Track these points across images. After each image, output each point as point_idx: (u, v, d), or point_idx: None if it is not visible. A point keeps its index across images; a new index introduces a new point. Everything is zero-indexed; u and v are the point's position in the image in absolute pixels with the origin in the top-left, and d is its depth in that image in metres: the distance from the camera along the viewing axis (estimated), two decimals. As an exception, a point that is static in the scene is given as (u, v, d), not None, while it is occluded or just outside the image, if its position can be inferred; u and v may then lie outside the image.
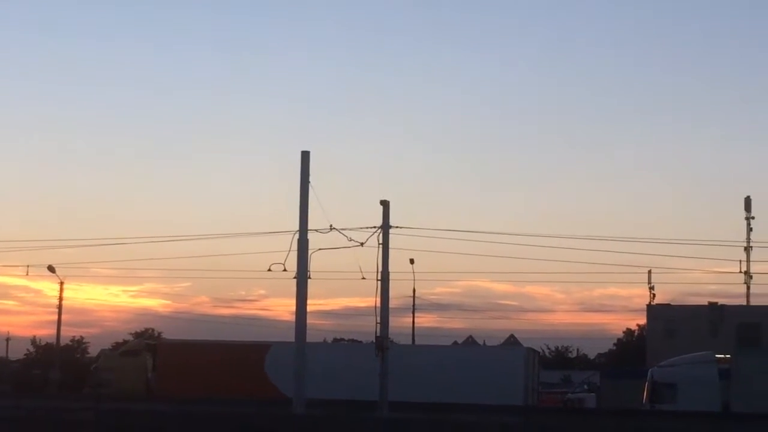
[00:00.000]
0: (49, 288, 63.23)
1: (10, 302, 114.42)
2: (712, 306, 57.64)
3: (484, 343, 69.40)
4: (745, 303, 59.61)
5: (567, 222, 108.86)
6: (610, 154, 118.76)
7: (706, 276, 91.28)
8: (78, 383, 54.80)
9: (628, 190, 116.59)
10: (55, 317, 58.38)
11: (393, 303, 40.32)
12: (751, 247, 59.66)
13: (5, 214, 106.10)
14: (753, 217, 61.93)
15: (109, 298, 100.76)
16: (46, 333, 72.78)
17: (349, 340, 64.90)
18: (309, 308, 34.62)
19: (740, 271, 57.51)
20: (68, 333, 75.34)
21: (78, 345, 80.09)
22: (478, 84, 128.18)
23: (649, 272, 59.88)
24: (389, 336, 39.04)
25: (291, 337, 34.94)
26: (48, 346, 68.61)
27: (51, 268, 54.59)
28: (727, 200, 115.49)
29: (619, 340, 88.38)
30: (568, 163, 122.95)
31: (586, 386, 60.84)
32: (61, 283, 57.05)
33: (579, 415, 44.54)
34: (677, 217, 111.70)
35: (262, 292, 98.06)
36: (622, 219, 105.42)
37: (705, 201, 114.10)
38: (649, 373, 43.43)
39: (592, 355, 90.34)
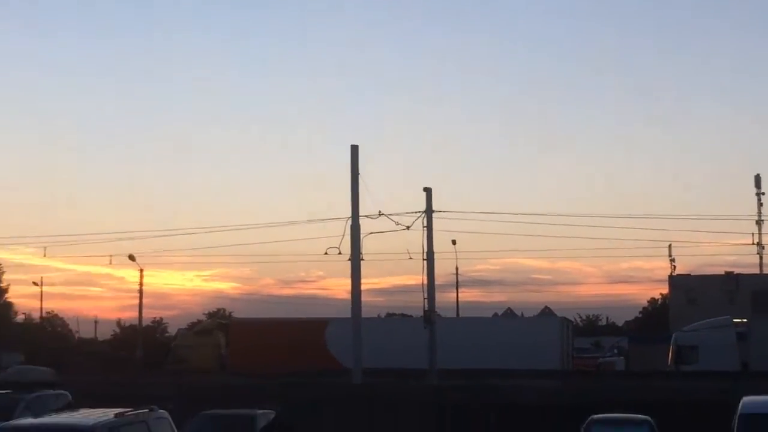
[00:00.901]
0: (130, 275, 63.96)
1: (97, 289, 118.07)
2: (729, 275, 57.00)
3: (522, 315, 68.79)
4: (758, 272, 59.14)
5: (595, 203, 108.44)
6: (632, 137, 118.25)
7: (722, 248, 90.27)
8: (159, 360, 55.55)
9: (652, 171, 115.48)
10: (137, 301, 59.13)
11: (438, 280, 40.03)
12: (763, 220, 59.30)
13: (90, 208, 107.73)
14: (763, 193, 61.26)
15: (184, 283, 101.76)
16: (130, 315, 73.72)
17: (399, 315, 64.05)
18: (362, 287, 35.71)
19: (753, 243, 56.79)
20: (149, 315, 75.92)
21: (158, 326, 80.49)
22: (511, 73, 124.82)
23: (670, 246, 59.19)
24: (436, 310, 39.35)
25: (347, 313, 36.47)
26: (131, 327, 69.67)
27: (131, 257, 54.72)
28: (740, 178, 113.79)
29: (644, 308, 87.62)
30: (592, 149, 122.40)
31: (615, 351, 60.59)
32: (141, 271, 57.43)
33: (610, 377, 44.55)
34: (695, 195, 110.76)
35: (320, 273, 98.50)
36: (643, 198, 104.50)
37: (719, 179, 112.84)
38: (672, 338, 43.74)
39: (619, 323, 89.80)
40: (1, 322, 69.82)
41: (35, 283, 73.83)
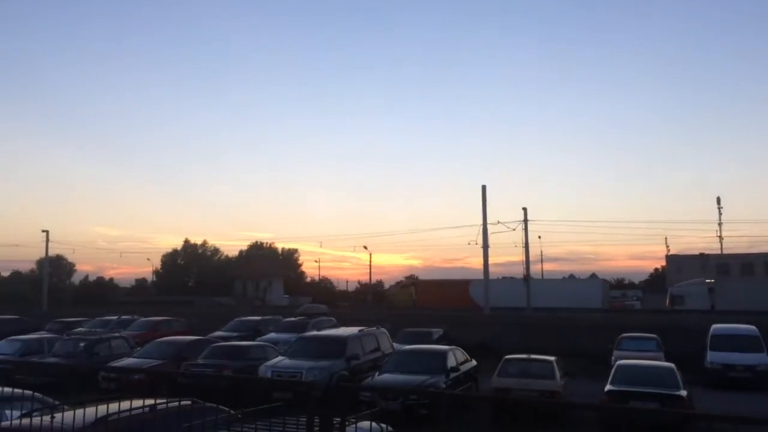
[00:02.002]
0: (365, 256, 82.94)
1: (347, 264, 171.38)
2: (702, 255, 63.37)
3: (578, 278, 75.82)
4: (720, 253, 63.79)
5: (621, 210, 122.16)
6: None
7: (695, 238, 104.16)
8: (378, 301, 68.81)
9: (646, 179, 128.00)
10: (368, 271, 75.81)
11: (531, 258, 48.56)
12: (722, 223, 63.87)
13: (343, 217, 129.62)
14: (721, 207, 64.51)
15: (394, 261, 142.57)
16: (365, 279, 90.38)
17: (509, 278, 69.28)
18: (489, 262, 45.23)
19: (717, 236, 63.88)
20: (375, 278, 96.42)
21: (378, 283, 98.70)
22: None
23: (666, 239, 70.04)
24: (530, 274, 48.54)
25: (481, 276, 46.70)
26: (365, 284, 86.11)
27: (365, 247, 69.81)
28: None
29: (651, 273, 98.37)
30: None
31: (635, 298, 68.29)
32: (371, 254, 73.45)
33: (632, 312, 51.59)
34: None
35: (465, 254, 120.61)
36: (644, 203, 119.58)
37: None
38: (669, 291, 51.62)
39: (636, 282, 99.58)
40: (297, 282, 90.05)
41: (315, 261, 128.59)
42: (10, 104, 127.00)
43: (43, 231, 63.74)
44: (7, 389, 6.94)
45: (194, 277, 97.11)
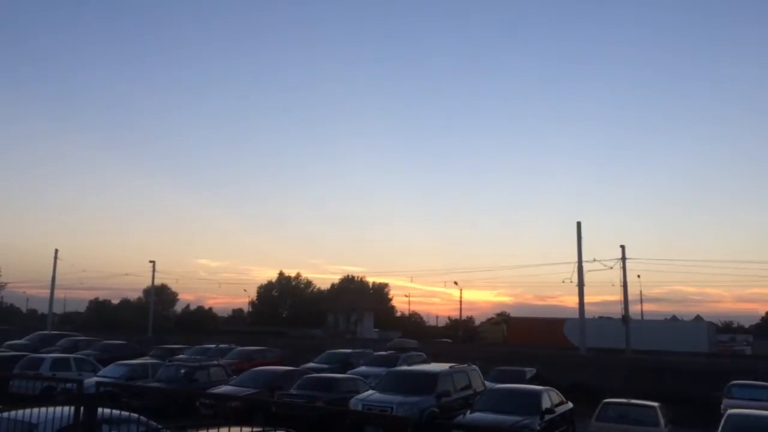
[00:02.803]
0: (455, 292, 78.63)
1: (436, 299, 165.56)
2: None
3: (682, 320, 71.91)
4: None
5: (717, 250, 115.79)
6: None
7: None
8: (471, 337, 68.76)
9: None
10: (458, 306, 74.06)
11: (629, 298, 45.76)
12: None
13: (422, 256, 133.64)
14: None
15: (485, 297, 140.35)
16: (455, 314, 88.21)
17: (606, 317, 65.17)
18: (584, 300, 42.85)
19: None
20: (465, 314, 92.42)
21: (469, 320, 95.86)
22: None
23: None
24: (629, 315, 45.59)
25: (576, 315, 44.26)
26: (455, 320, 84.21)
27: (455, 282, 68.02)
28: None
29: (762, 317, 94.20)
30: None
31: (745, 343, 65.95)
32: (461, 290, 70.52)
33: (741, 357, 49.01)
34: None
35: (559, 293, 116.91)
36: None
37: None
38: None
39: (746, 325, 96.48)
40: (387, 316, 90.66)
41: (406, 296, 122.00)
42: (124, 147, 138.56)
43: (150, 261, 67.61)
44: (114, 411, 7.26)
45: (288, 309, 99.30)
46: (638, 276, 57.60)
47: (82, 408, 5.32)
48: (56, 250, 66.90)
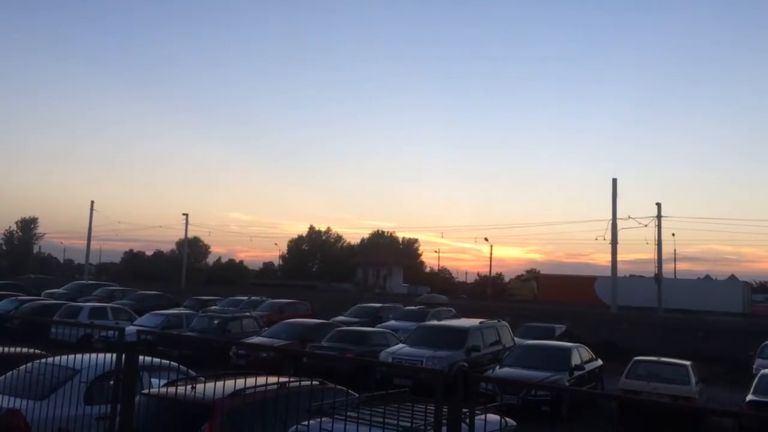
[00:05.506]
0: (485, 248, 76.50)
1: (466, 255, 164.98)
2: None
3: (716, 279, 72.10)
4: None
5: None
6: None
7: None
8: (499, 294, 67.96)
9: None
10: (488, 263, 72.64)
11: (663, 256, 45.87)
12: None
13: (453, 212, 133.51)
14: None
15: (515, 254, 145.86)
16: (484, 270, 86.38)
17: (638, 276, 66.53)
18: (617, 258, 44.16)
19: None
20: (495, 270, 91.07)
21: (499, 277, 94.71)
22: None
23: None
24: (662, 273, 45.51)
25: (608, 273, 45.71)
26: (484, 277, 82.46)
27: (486, 239, 67.97)
28: None
29: None
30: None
31: None
32: (491, 246, 69.59)
33: None
34: None
35: (591, 250, 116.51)
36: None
37: None
38: None
39: None
40: (417, 271, 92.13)
41: (435, 251, 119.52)
42: (159, 99, 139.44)
43: (183, 214, 69.00)
44: (154, 359, 7.51)
45: (318, 263, 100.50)
46: (673, 234, 56.15)
47: (123, 355, 5.50)
48: (92, 202, 68.70)
